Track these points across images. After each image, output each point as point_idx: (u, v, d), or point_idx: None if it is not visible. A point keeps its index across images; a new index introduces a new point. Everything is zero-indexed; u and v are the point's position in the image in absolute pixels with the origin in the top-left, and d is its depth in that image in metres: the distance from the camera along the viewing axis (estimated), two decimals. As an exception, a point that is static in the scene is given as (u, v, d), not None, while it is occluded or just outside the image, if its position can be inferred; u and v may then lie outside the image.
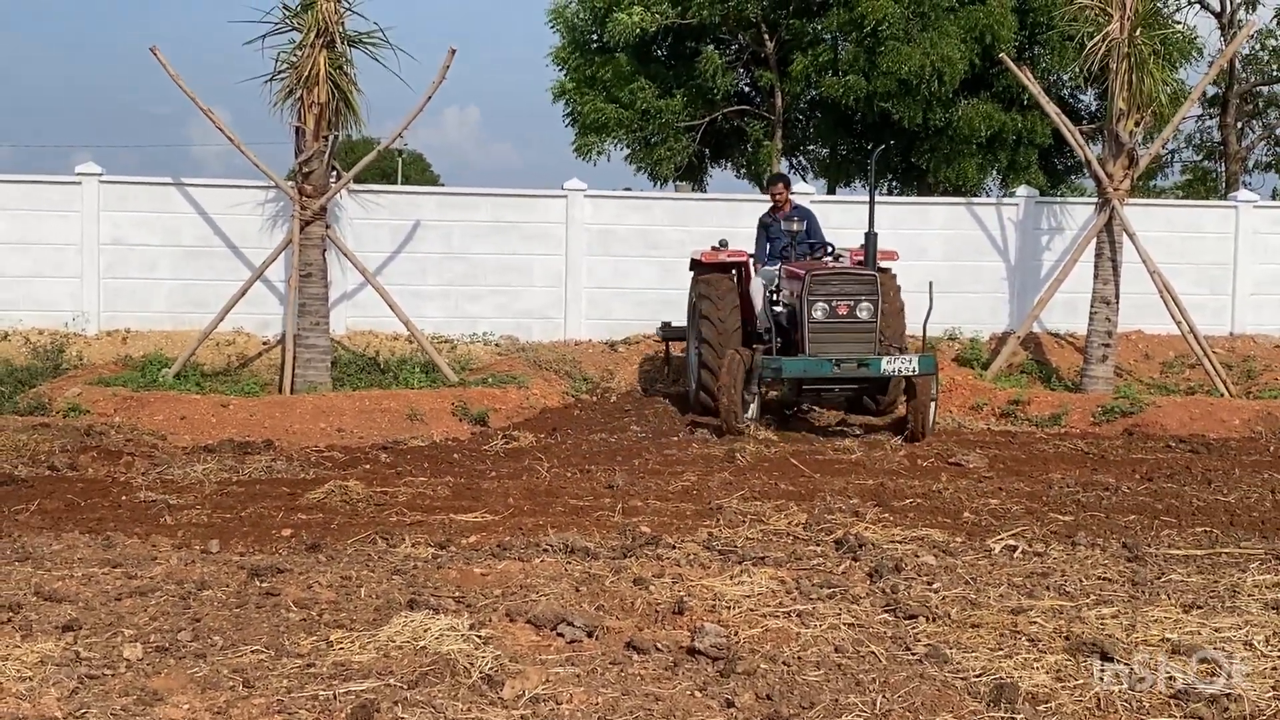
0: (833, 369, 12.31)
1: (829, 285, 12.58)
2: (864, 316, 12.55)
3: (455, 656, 5.48)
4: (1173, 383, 16.61)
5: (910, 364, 12.27)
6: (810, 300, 12.51)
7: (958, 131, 19.83)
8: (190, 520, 8.64)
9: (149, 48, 14.99)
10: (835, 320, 12.54)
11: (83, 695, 5.07)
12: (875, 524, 8.48)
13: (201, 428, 12.55)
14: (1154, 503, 9.46)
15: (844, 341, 12.52)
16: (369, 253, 16.49)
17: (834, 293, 12.55)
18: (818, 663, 5.59)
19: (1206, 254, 18.00)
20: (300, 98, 14.84)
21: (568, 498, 9.55)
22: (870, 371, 12.35)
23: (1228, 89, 24.46)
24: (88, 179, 16.40)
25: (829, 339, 12.54)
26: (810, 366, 12.44)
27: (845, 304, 12.55)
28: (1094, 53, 15.62)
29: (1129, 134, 15.69)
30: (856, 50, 19.52)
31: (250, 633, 5.86)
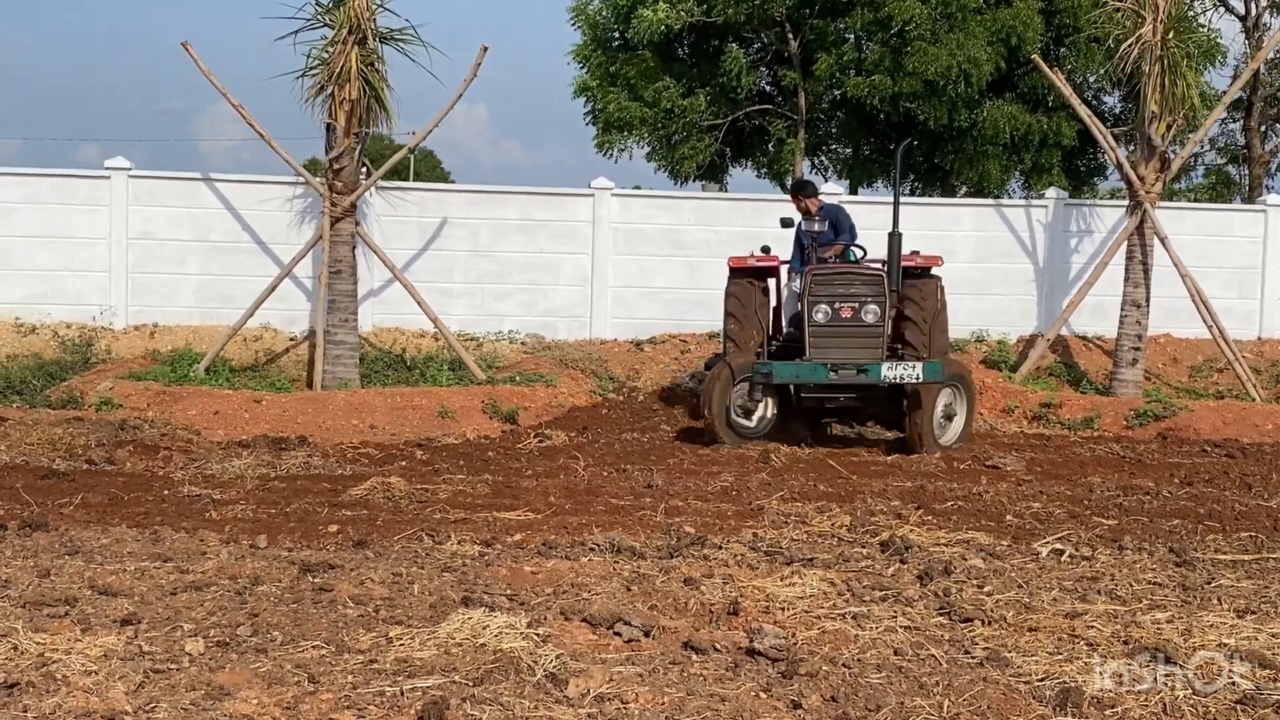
0: (828, 375, 11.58)
1: (831, 285, 11.93)
2: (869, 320, 11.80)
3: (518, 654, 5.48)
4: (1201, 386, 16.58)
5: (914, 371, 11.43)
6: (811, 301, 11.86)
7: (982, 133, 19.79)
8: (236, 515, 8.68)
9: (181, 43, 15.06)
10: (838, 323, 11.85)
11: (149, 689, 5.08)
12: (919, 526, 8.48)
13: (235, 423, 12.59)
14: (1196, 507, 9.45)
15: (847, 346, 11.77)
16: (396, 250, 16.52)
17: (836, 293, 11.87)
18: (879, 665, 5.58)
19: (1235, 257, 17.96)
20: (331, 94, 14.90)
21: (608, 497, 9.57)
22: (869, 378, 11.51)
23: (1252, 93, 24.37)
24: (117, 173, 16.44)
25: (831, 343, 11.83)
26: (803, 372, 11.72)
27: (849, 306, 11.81)
28: (1126, 55, 15.60)
29: (1161, 137, 15.67)
30: (882, 50, 19.49)
31: (309, 628, 5.87)
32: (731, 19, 20.57)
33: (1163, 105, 15.51)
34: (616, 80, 22.00)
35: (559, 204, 17.44)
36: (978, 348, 17.34)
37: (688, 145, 21.62)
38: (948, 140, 20.48)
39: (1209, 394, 16.05)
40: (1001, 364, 16.71)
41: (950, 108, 19.41)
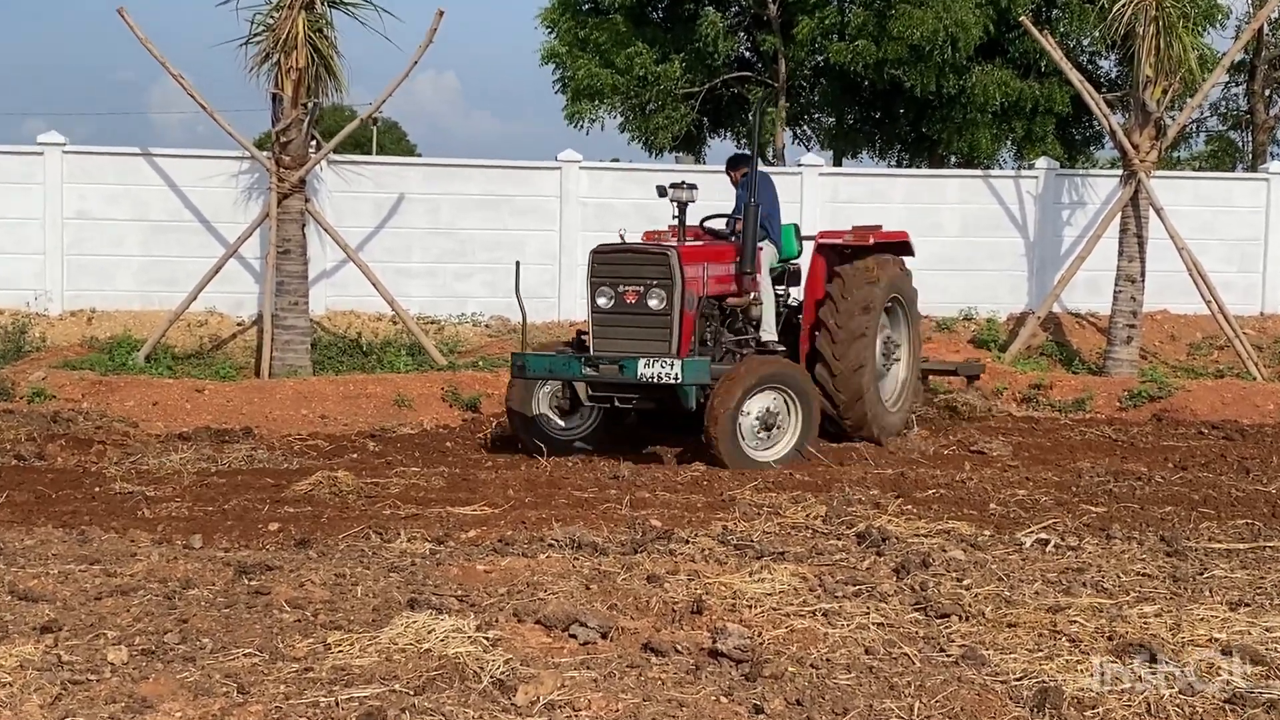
0: (583, 370, 10.68)
1: (613, 266, 10.94)
2: (655, 305, 10.68)
3: (463, 660, 5.42)
4: (1201, 365, 16.63)
5: (672, 370, 10.33)
6: (594, 284, 10.93)
7: (971, 100, 19.77)
8: (170, 514, 8.58)
9: (116, 9, 14.88)
10: (622, 310, 10.82)
11: (67, 702, 5.00)
12: (898, 516, 8.45)
13: (175, 414, 12.50)
14: (1190, 493, 9.44)
15: (634, 337, 10.77)
16: (350, 228, 16.39)
17: (620, 275, 10.86)
18: (848, 665, 5.54)
19: (1236, 229, 17.99)
20: (277, 62, 14.78)
21: (570, 489, 9.52)
22: (626, 375, 10.47)
23: (1255, 55, 24.39)
24: (50, 149, 16.28)
25: (617, 333, 10.86)
26: (556, 366, 10.85)
27: (634, 289, 10.76)
28: (1119, 16, 15.58)
29: (1156, 102, 15.67)
30: (865, 14, 19.45)
31: (241, 634, 5.80)
32: (707, -20, 20.53)
33: (1158, 69, 15.51)
34: (586, 46, 21.90)
35: (524, 178, 17.35)
36: (966, 326, 17.35)
37: (662, 115, 21.55)
38: (935, 108, 20.47)
39: (1208, 373, 16.09)
40: (991, 343, 16.74)
41: (937, 74, 19.39)
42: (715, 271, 11.14)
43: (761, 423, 10.61)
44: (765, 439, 10.67)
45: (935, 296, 17.42)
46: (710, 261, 11.13)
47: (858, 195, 17.82)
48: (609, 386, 10.78)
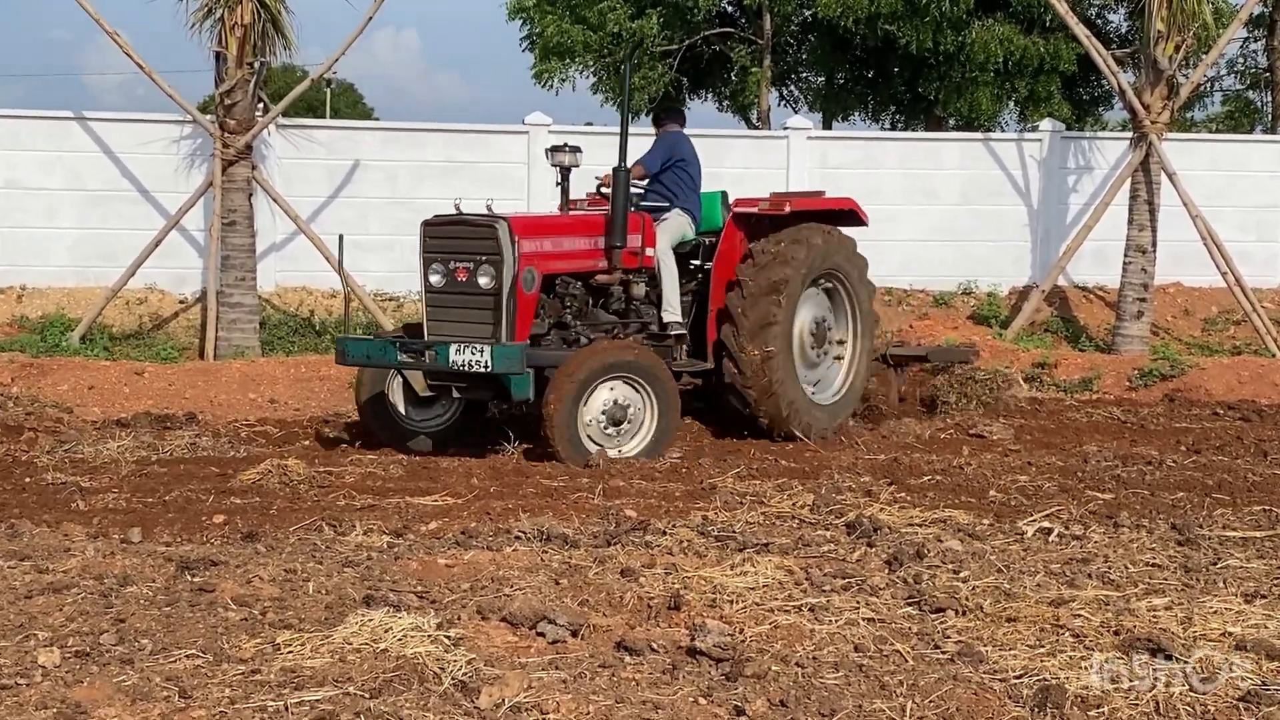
0: (398, 355, 10.36)
1: (442, 240, 10.56)
2: (484, 284, 10.23)
3: (422, 660, 5.43)
4: (1216, 341, 16.72)
5: (482, 357, 9.93)
6: (425, 260, 10.59)
7: (971, 57, 19.81)
8: (106, 506, 8.54)
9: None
10: (454, 289, 10.40)
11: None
12: (891, 505, 8.48)
13: (113, 399, 12.47)
14: (1204, 478, 9.49)
15: (465, 319, 10.34)
16: (301, 197, 16.34)
17: (449, 250, 10.45)
18: (836, 664, 5.56)
19: (1254, 195, 18.06)
20: (221, 18, 14.73)
21: (539, 477, 9.51)
22: (439, 362, 10.15)
23: (1275, 8, 24.46)
24: (-26, 114, 16.19)
25: (447, 315, 10.47)
26: (374, 351, 10.58)
27: (464, 266, 10.32)
28: (1129, -33, 15.62)
29: (1169, 59, 15.71)
30: (858, -36, 19.44)
31: (183, 635, 5.79)
32: (686, -71, 20.47)
33: (1170, 23, 15.55)
34: (556, 1, 21.85)
35: (488, 143, 17.32)
36: (965, 302, 17.40)
37: (639, 75, 21.51)
38: (932, 67, 20.51)
39: (1223, 349, 16.17)
40: (992, 319, 16.79)
41: (934, 29, 19.43)
42: (571, 245, 10.69)
43: (609, 418, 10.12)
44: (615, 435, 10.17)
45: (932, 270, 17.56)
46: (562, 234, 10.69)
47: (848, 161, 17.84)
48: (444, 375, 10.30)
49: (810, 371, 11.46)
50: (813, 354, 11.44)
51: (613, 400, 10.13)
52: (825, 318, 11.58)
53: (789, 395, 10.96)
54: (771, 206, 11.25)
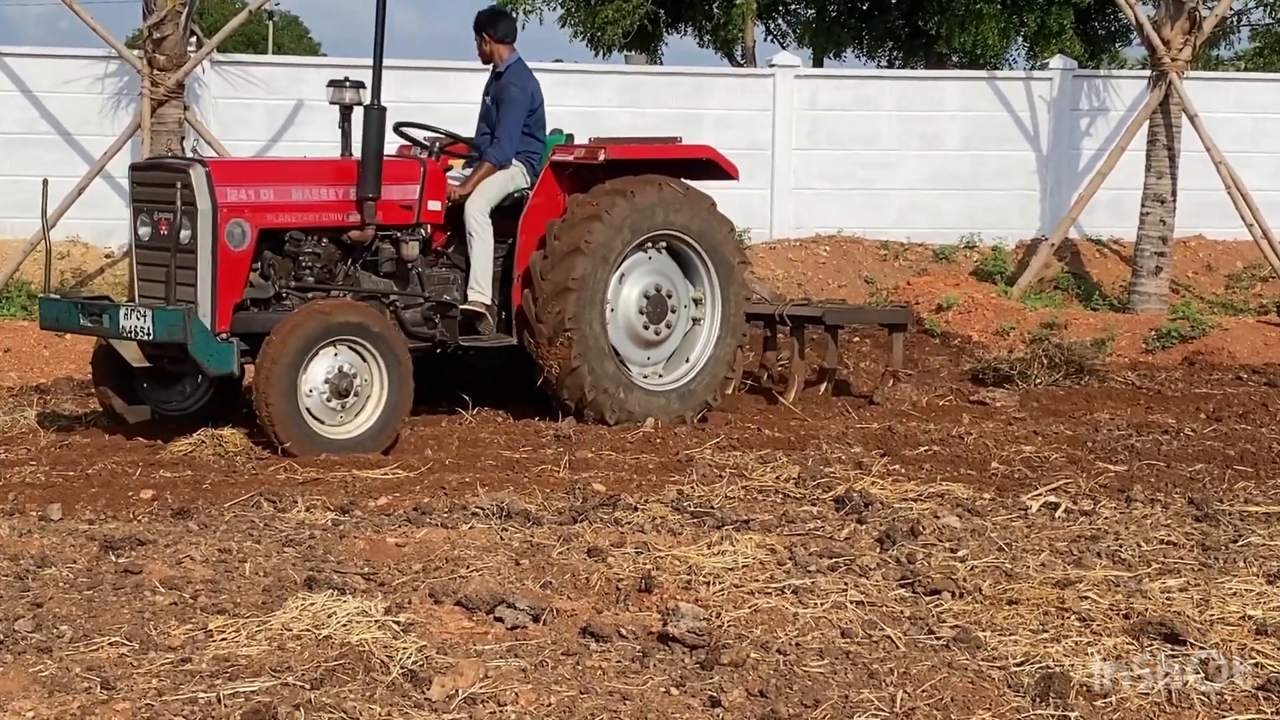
0: (80, 320, 9.81)
1: (146, 187, 9.93)
2: (184, 239, 9.44)
3: (368, 648, 5.44)
4: (1241, 300, 16.79)
5: (144, 322, 9.27)
6: (134, 209, 9.97)
7: (976, -13, 19.80)
8: (23, 479, 8.51)
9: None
10: (158, 244, 9.67)
11: (-103, 702, 4.99)
12: (883, 478, 8.50)
13: (31, 363, 12.44)
14: (1225, 448, 9.54)
15: (167, 280, 9.44)
16: (240, 141, 16.25)
17: (153, 200, 9.74)
18: (821, 651, 5.59)
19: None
20: (150, -58, 14.58)
21: (499, 448, 9.54)
22: (109, 328, 9.56)
23: (1309, -65, 24.52)
24: (-123, 48, 16.07)
25: (153, 273, 9.74)
26: (62, 314, 10.03)
27: (164, 218, 9.58)
28: (1148, -113, 15.61)
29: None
30: (851, -116, 19.42)
31: (107, 621, 5.79)
32: None
33: (1193, -51, 15.54)
34: (523, -73, 21.76)
35: (448, 81, 17.25)
36: (968, 256, 17.43)
37: (612, 7, 21.45)
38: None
39: (1249, 309, 16.24)
40: (997, 275, 16.82)
41: (935, -44, 19.38)
42: (305, 196, 10.02)
43: (333, 389, 9.45)
44: (341, 410, 9.52)
45: (932, 220, 17.58)
46: (290, 183, 10.07)
47: (842, 102, 17.83)
48: (159, 345, 9.45)
49: (646, 351, 10.84)
50: (646, 330, 10.74)
51: (336, 369, 9.45)
52: (665, 287, 10.81)
53: (593, 375, 10.30)
54: (586, 155, 10.57)
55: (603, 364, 10.34)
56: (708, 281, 10.94)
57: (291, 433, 9.19)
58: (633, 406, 10.47)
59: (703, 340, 10.93)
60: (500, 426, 10.34)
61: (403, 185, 10.27)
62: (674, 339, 10.90)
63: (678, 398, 10.74)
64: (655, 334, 10.76)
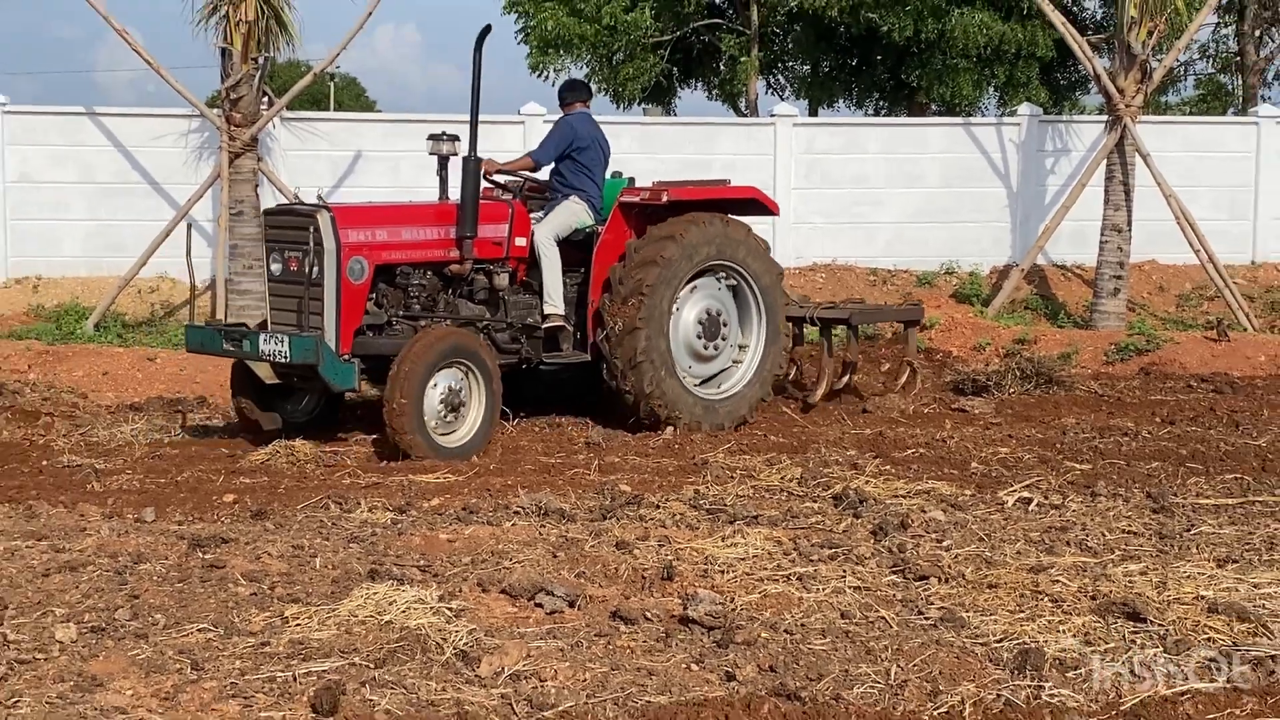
0: (224, 345, 9.97)
1: (278, 230, 10.14)
2: (313, 274, 9.65)
3: (425, 631, 5.44)
4: (1190, 317, 16.71)
5: (282, 347, 9.48)
6: (267, 249, 10.20)
7: (951, 45, 19.75)
8: (121, 487, 8.53)
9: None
10: (289, 279, 9.88)
11: (14, 681, 5.00)
12: (876, 477, 8.49)
13: (126, 384, 12.44)
14: (1178, 448, 9.50)
15: (299, 309, 9.73)
16: (306, 188, 16.19)
17: (283, 240, 9.95)
18: (823, 630, 5.58)
19: (1226, 175, 18.01)
20: (226, 15, 14.67)
21: (537, 455, 9.53)
22: (248, 351, 9.72)
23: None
24: (-11, 109, 16.14)
25: (285, 304, 9.93)
26: (206, 340, 10.22)
27: (294, 256, 9.80)
28: (1103, -46, 15.59)
29: (1142, 44, 15.68)
30: (841, -45, 19.39)
31: (195, 610, 5.80)
32: (676, -77, 20.44)
33: (1143, 9, 15.52)
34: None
35: (486, 132, 16.90)
36: (947, 281, 17.39)
37: (632, 65, 21.45)
38: (914, 54, 20.47)
39: (1197, 324, 16.16)
40: (973, 298, 16.78)
41: (916, 18, 19.38)
42: (414, 236, 10.16)
43: (446, 405, 9.58)
44: (452, 422, 9.65)
45: (915, 250, 17.55)
46: (401, 224, 10.20)
47: (834, 146, 17.83)
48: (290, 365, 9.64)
49: (703, 365, 10.85)
50: (703, 346, 10.76)
51: (449, 387, 9.58)
52: (720, 310, 10.85)
53: (654, 375, 10.31)
54: (650, 196, 10.67)
55: (663, 371, 10.41)
56: (754, 305, 11.04)
57: (417, 442, 9.32)
58: (685, 411, 10.51)
59: (747, 360, 11.05)
60: (538, 435, 10.33)
61: (495, 225, 10.43)
62: (724, 357, 10.99)
63: (723, 407, 10.81)
64: (708, 349, 10.82)
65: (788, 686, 4.93)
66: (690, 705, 4.80)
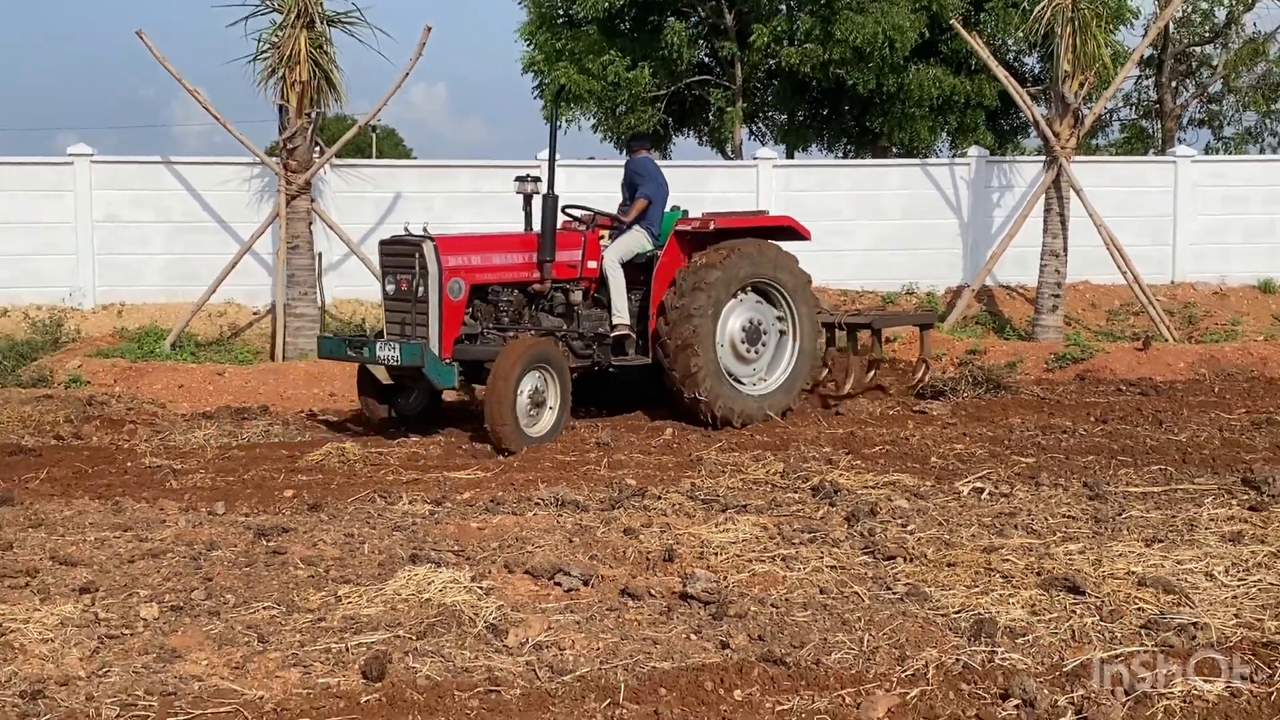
0: (346, 351, 10.36)
1: (391, 256, 10.48)
2: (419, 292, 10.09)
3: (460, 607, 5.45)
4: (1118, 330, 16.67)
5: (394, 353, 9.89)
6: (383, 272, 10.60)
7: (909, 96, 19.77)
8: (195, 484, 8.55)
9: (135, 32, 14.76)
10: (400, 297, 10.30)
11: (104, 654, 5.01)
12: (848, 471, 8.48)
13: (199, 395, 12.44)
14: (1110, 443, 9.49)
15: (408, 321, 10.22)
16: (352, 225, 16.27)
17: (396, 265, 10.39)
18: (805, 604, 5.58)
19: (1149, 207, 17.96)
20: (283, 76, 14.63)
21: (554, 454, 9.52)
22: (367, 356, 10.17)
23: (1162, 50, 24.45)
24: (79, 159, 16.11)
25: (398, 318, 10.39)
26: (334, 348, 10.51)
27: (405, 278, 10.21)
28: (1039, 17, 15.59)
29: (1074, 94, 15.67)
30: (812, 20, 19.40)
31: (260, 590, 5.81)
32: (671, -7, 20.47)
33: (1075, 64, 15.50)
34: (563, 55, 21.77)
35: (508, 175, 17.07)
36: (908, 300, 17.34)
37: (633, 116, 21.40)
38: (877, 104, 20.44)
39: (1125, 336, 16.13)
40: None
41: (878, 73, 19.35)
42: (503, 260, 10.50)
43: (532, 401, 9.95)
44: (535, 416, 10.01)
45: (880, 274, 17.52)
46: (492, 251, 10.51)
47: (809, 184, 17.80)
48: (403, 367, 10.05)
49: (745, 366, 11.05)
50: (746, 350, 11.01)
51: (534, 387, 9.94)
52: (760, 320, 11.10)
53: (707, 381, 10.56)
54: (700, 225, 10.98)
55: (713, 373, 10.67)
56: (789, 314, 11.32)
57: (510, 433, 9.67)
58: (733, 405, 10.75)
59: (785, 361, 11.29)
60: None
61: (569, 251, 10.79)
62: (764, 360, 11.24)
63: (766, 399, 11.07)
64: (750, 353, 11.09)
65: (774, 653, 4.93)
66: (690, 670, 4.80)
